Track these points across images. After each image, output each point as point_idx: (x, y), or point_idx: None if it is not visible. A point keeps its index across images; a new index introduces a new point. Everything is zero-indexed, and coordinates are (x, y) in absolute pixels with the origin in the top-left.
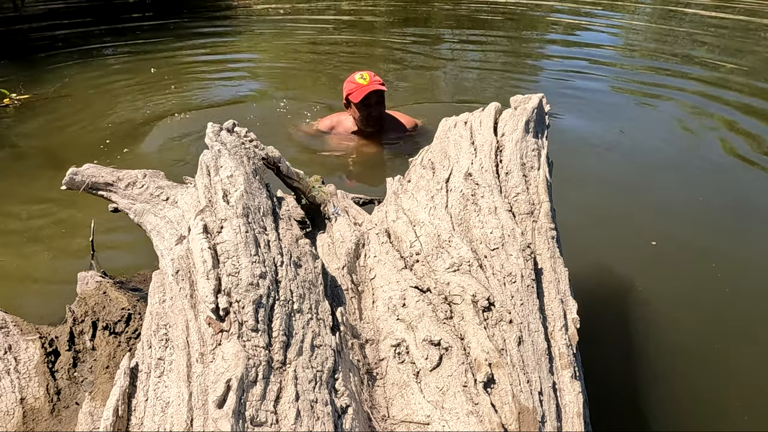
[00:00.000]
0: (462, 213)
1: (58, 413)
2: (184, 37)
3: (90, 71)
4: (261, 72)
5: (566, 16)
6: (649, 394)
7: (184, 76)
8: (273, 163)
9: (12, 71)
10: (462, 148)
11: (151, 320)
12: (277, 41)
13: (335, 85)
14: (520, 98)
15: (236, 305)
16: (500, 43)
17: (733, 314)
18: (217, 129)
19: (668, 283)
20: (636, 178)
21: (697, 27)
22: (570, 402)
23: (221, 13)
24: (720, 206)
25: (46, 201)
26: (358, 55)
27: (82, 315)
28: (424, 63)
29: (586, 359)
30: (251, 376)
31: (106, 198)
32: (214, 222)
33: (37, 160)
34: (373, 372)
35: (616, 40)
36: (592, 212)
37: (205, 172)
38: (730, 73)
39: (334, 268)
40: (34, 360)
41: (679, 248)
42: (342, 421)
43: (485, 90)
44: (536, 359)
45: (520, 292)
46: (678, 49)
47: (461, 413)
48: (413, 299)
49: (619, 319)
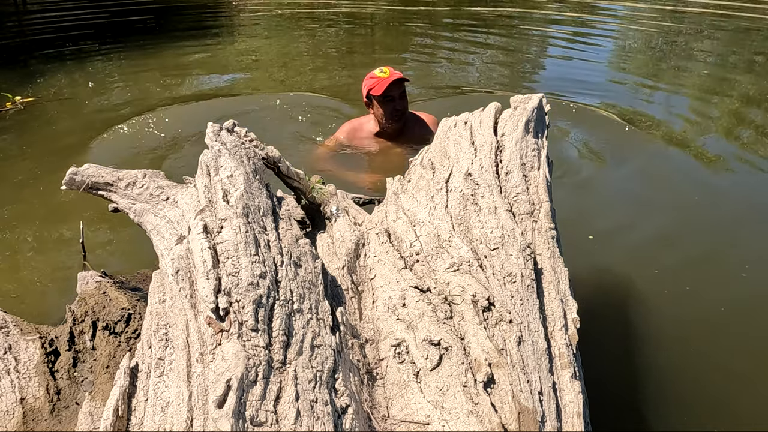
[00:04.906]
0: (462, 213)
1: (58, 413)
2: (184, 37)
3: (91, 72)
4: (261, 71)
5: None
6: (649, 394)
7: (184, 76)
8: (273, 163)
9: (13, 74)
10: (462, 148)
11: (151, 320)
12: (277, 40)
13: (335, 84)
14: (520, 98)
15: (236, 305)
16: (501, 43)
17: (733, 314)
18: (217, 129)
19: (668, 283)
20: (636, 177)
21: (698, 25)
22: (570, 402)
23: (221, 13)
24: (719, 206)
25: (47, 201)
26: (358, 55)
27: (82, 315)
28: (424, 61)
29: (586, 359)
30: (251, 376)
31: (106, 198)
32: (214, 222)
33: (38, 161)
34: (373, 372)
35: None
36: (592, 213)
37: (205, 172)
38: (729, 73)
39: (334, 268)
40: (34, 360)
41: (679, 248)
42: (342, 421)
43: (490, 86)
44: (536, 359)
45: (520, 292)
46: (678, 48)
47: (461, 413)
48: (413, 299)
49: (618, 319)
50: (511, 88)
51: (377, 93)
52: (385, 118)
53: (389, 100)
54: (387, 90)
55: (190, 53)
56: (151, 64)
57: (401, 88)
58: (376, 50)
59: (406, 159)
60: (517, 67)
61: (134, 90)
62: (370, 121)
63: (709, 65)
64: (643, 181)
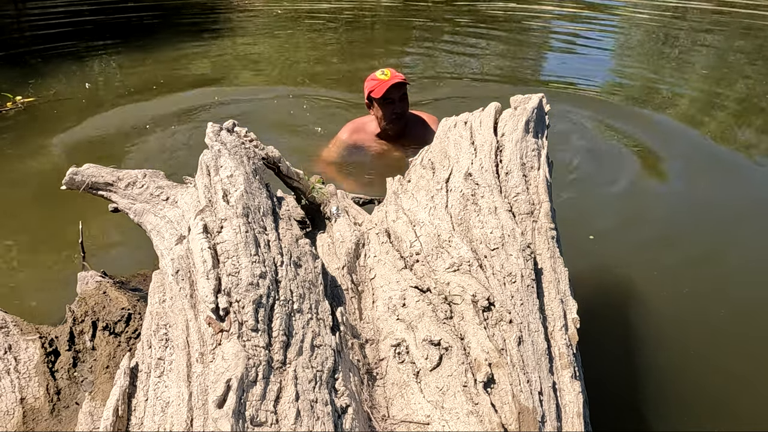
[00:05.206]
0: (462, 213)
1: (58, 413)
2: (184, 36)
3: (91, 71)
4: (261, 69)
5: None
6: (649, 394)
7: (184, 75)
8: (273, 163)
9: (13, 73)
10: (462, 148)
11: (151, 320)
12: (277, 37)
13: (335, 81)
14: (520, 98)
15: (236, 305)
16: (502, 42)
17: (733, 314)
18: (217, 129)
19: (668, 284)
20: (636, 177)
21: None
22: (570, 402)
23: (221, 11)
24: (720, 206)
25: (47, 201)
26: (358, 52)
27: (82, 315)
28: (425, 57)
29: (586, 359)
30: (251, 376)
31: (106, 198)
32: (214, 222)
33: (38, 161)
34: (373, 372)
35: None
36: (592, 213)
37: (205, 172)
38: (730, 70)
39: (334, 268)
40: (34, 360)
41: (679, 248)
42: (342, 421)
43: (490, 85)
44: (536, 359)
45: (520, 292)
46: (678, 47)
47: (461, 413)
48: (413, 299)
49: (618, 319)
50: (512, 86)
51: (377, 95)
52: (385, 120)
53: (389, 102)
54: (387, 92)
55: (190, 52)
56: (151, 62)
57: (402, 91)
58: (376, 47)
59: (407, 160)
60: (517, 65)
61: (134, 89)
62: (373, 121)
63: (711, 61)
64: (643, 181)
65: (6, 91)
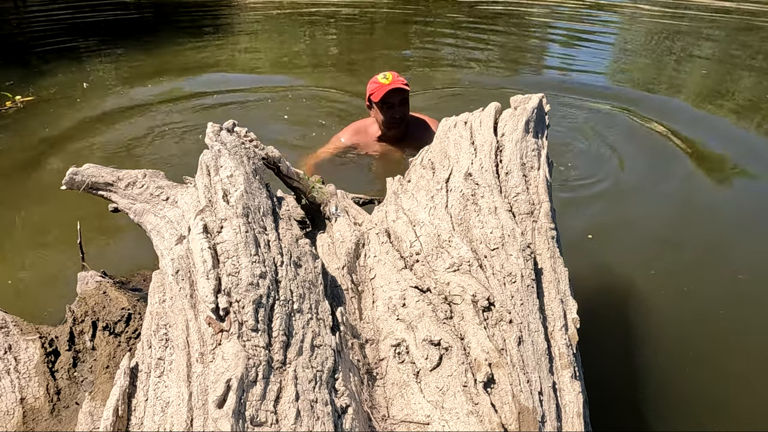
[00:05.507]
0: (462, 213)
1: (58, 413)
2: (184, 35)
3: (90, 70)
4: (261, 69)
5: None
6: (649, 394)
7: (183, 74)
8: (273, 163)
9: (13, 72)
10: (462, 148)
11: (151, 320)
12: (277, 37)
13: (336, 81)
14: (520, 98)
15: (236, 305)
16: (502, 42)
17: (733, 314)
18: (217, 129)
19: (668, 284)
20: (636, 177)
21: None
22: (570, 402)
23: (221, 11)
24: (719, 206)
25: (47, 201)
26: (357, 53)
27: (82, 315)
28: (424, 58)
29: (586, 359)
30: (251, 376)
31: (106, 198)
32: (214, 222)
33: (38, 160)
34: (373, 372)
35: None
36: (593, 213)
37: (205, 172)
38: (730, 71)
39: (334, 268)
40: (34, 360)
41: (679, 248)
42: (342, 421)
43: (490, 85)
44: (536, 359)
45: (520, 292)
46: (680, 44)
47: (461, 413)
48: (413, 299)
49: (618, 319)
50: (512, 85)
51: (377, 99)
52: (384, 123)
53: (389, 106)
54: (386, 96)
55: (189, 51)
56: (151, 62)
57: (402, 95)
58: (375, 44)
59: (408, 161)
60: (517, 64)
61: (134, 89)
62: (374, 124)
63: (711, 62)
64: (643, 181)
65: (5, 90)
